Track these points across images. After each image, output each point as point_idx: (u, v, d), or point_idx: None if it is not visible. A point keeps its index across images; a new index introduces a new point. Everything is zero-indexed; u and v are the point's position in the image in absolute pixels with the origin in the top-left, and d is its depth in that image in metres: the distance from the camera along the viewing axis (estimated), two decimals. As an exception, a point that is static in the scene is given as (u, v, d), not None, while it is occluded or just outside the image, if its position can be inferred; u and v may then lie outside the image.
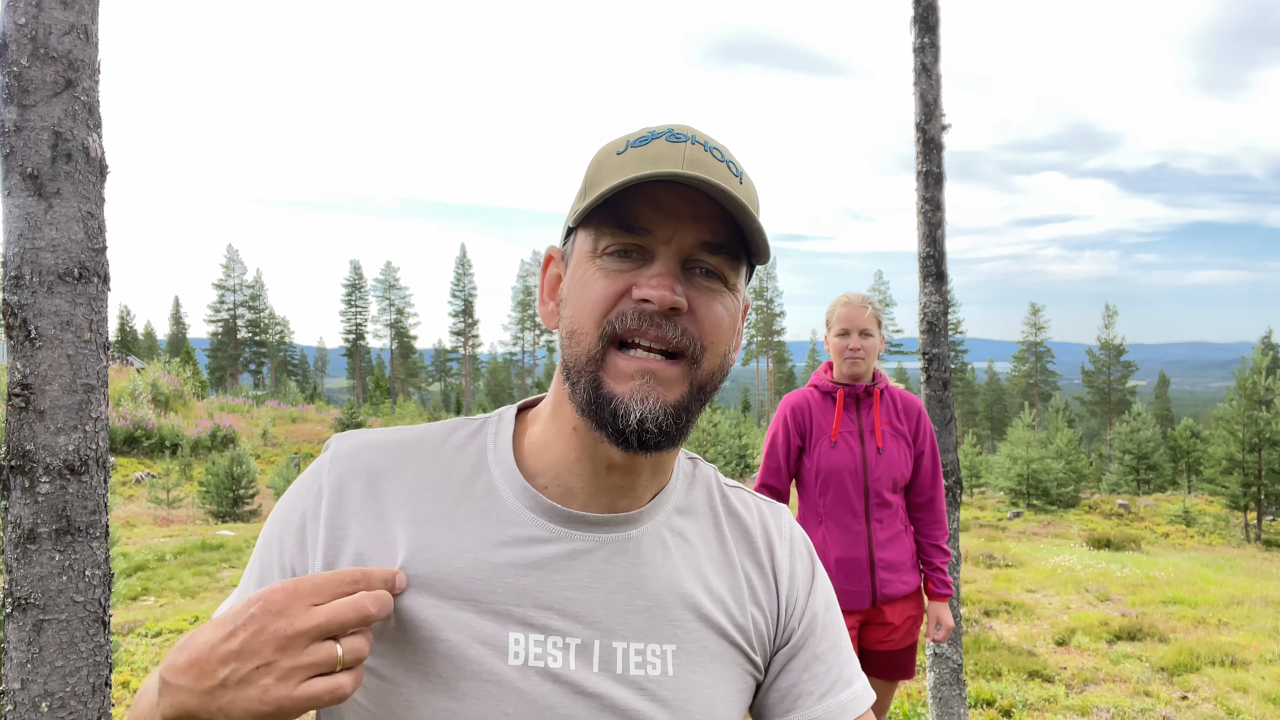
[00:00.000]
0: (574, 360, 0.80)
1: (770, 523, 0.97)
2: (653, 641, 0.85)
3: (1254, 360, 21.98)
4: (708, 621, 0.88)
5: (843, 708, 0.90)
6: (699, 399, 0.82)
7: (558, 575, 0.83)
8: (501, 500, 0.85)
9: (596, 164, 0.83)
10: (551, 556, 0.83)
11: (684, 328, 0.79)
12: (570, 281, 0.83)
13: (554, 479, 0.86)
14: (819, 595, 0.96)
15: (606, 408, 0.78)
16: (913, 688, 5.49)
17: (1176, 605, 8.59)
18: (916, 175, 4.27)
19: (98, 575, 2.04)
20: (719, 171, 0.79)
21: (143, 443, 25.12)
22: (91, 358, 2.02)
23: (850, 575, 2.99)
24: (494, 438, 0.89)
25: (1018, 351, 73.55)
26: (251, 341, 77.95)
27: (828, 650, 0.93)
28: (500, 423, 0.91)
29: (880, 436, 3.03)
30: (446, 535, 0.82)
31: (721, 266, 0.81)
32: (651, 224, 0.79)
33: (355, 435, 0.89)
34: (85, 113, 2.01)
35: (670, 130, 0.81)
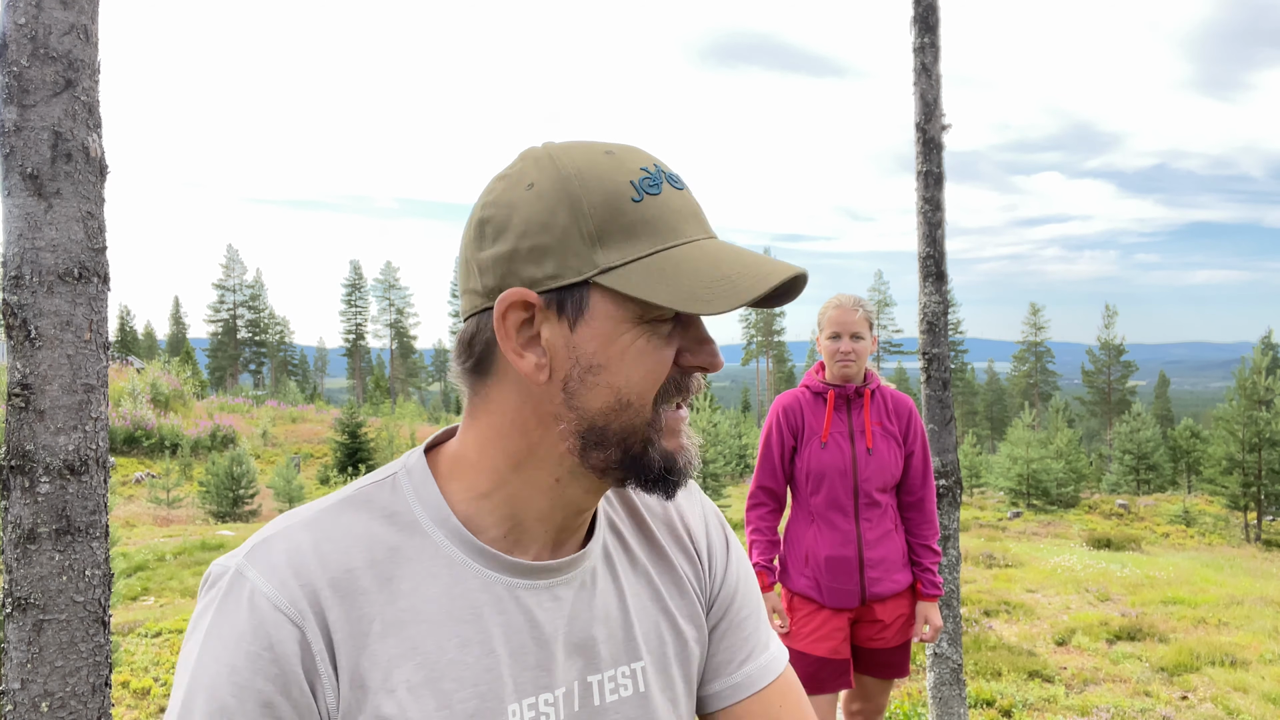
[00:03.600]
0: (624, 428, 0.77)
1: (682, 500, 0.99)
2: (624, 664, 0.87)
3: (1254, 360, 21.98)
4: (662, 625, 0.91)
5: (762, 671, 0.94)
6: None
7: (538, 631, 0.82)
8: (461, 569, 0.80)
9: (607, 208, 0.75)
10: (529, 619, 0.81)
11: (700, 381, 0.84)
12: (605, 346, 0.76)
13: (509, 530, 0.82)
14: (735, 563, 0.99)
15: (664, 465, 0.79)
16: (912, 687, 5.50)
17: (1176, 605, 8.59)
18: (916, 175, 4.27)
19: (98, 575, 2.04)
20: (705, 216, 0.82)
21: (143, 443, 25.13)
22: (91, 358, 2.02)
23: (839, 574, 3.02)
24: (415, 496, 0.81)
25: (1018, 351, 73.55)
26: (251, 341, 77.94)
27: (746, 617, 0.97)
28: (413, 477, 0.82)
29: (871, 437, 3.05)
30: (421, 629, 0.77)
31: None
32: None
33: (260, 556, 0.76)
34: (85, 113, 2.01)
35: (661, 171, 0.78)
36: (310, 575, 0.75)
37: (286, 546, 0.76)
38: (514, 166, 0.79)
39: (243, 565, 0.75)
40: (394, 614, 0.76)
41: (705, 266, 0.75)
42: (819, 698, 3.04)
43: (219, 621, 0.74)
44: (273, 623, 0.73)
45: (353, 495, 0.81)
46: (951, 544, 4.18)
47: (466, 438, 0.83)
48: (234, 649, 0.72)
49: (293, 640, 0.73)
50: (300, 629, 0.73)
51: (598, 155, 0.77)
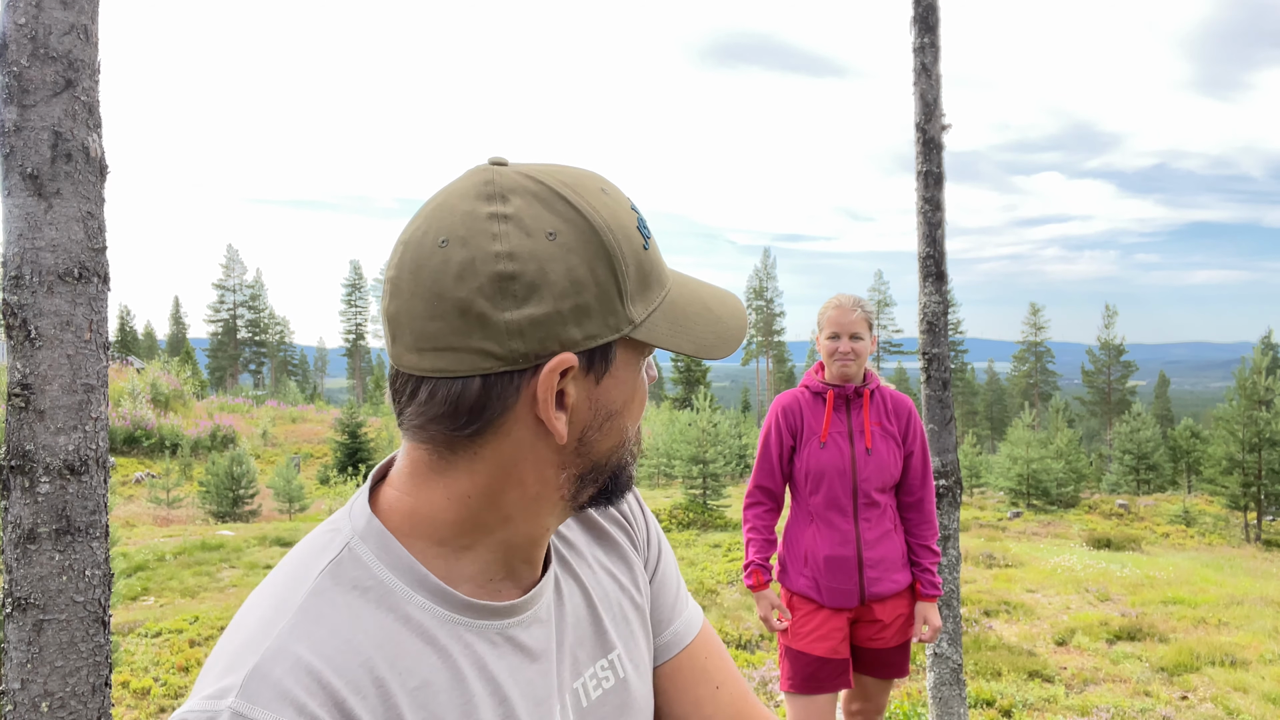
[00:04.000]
0: (620, 461, 0.79)
1: None
2: (600, 658, 0.87)
3: (1254, 360, 21.98)
4: (624, 604, 0.91)
5: (687, 626, 0.97)
6: None
7: (539, 662, 0.80)
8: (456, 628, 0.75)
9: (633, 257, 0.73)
10: (527, 654, 0.80)
11: None
12: (626, 392, 0.76)
13: (491, 578, 0.78)
14: (651, 522, 1.00)
15: (627, 487, 0.81)
16: (913, 687, 5.50)
17: (1176, 605, 8.59)
18: (916, 175, 4.27)
19: (98, 575, 2.04)
20: None
21: (143, 443, 25.13)
22: (91, 358, 2.02)
23: (838, 574, 3.03)
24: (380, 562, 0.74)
25: (1018, 351, 73.54)
26: (251, 341, 77.93)
27: (669, 576, 0.98)
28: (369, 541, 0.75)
29: (870, 437, 3.06)
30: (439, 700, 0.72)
31: None
32: None
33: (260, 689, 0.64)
34: (85, 113, 2.01)
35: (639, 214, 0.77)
36: (330, 689, 0.66)
37: (287, 668, 0.65)
38: (510, 204, 0.69)
39: (240, 706, 0.62)
40: (412, 694, 0.71)
41: (698, 309, 0.78)
42: (819, 697, 3.03)
43: None
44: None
45: (318, 583, 0.72)
46: (951, 544, 4.18)
47: (431, 495, 0.75)
48: None
49: None
50: None
51: (600, 195, 0.73)
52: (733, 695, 0.96)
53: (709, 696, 0.95)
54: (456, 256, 0.67)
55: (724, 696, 0.95)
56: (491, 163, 0.73)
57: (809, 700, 3.03)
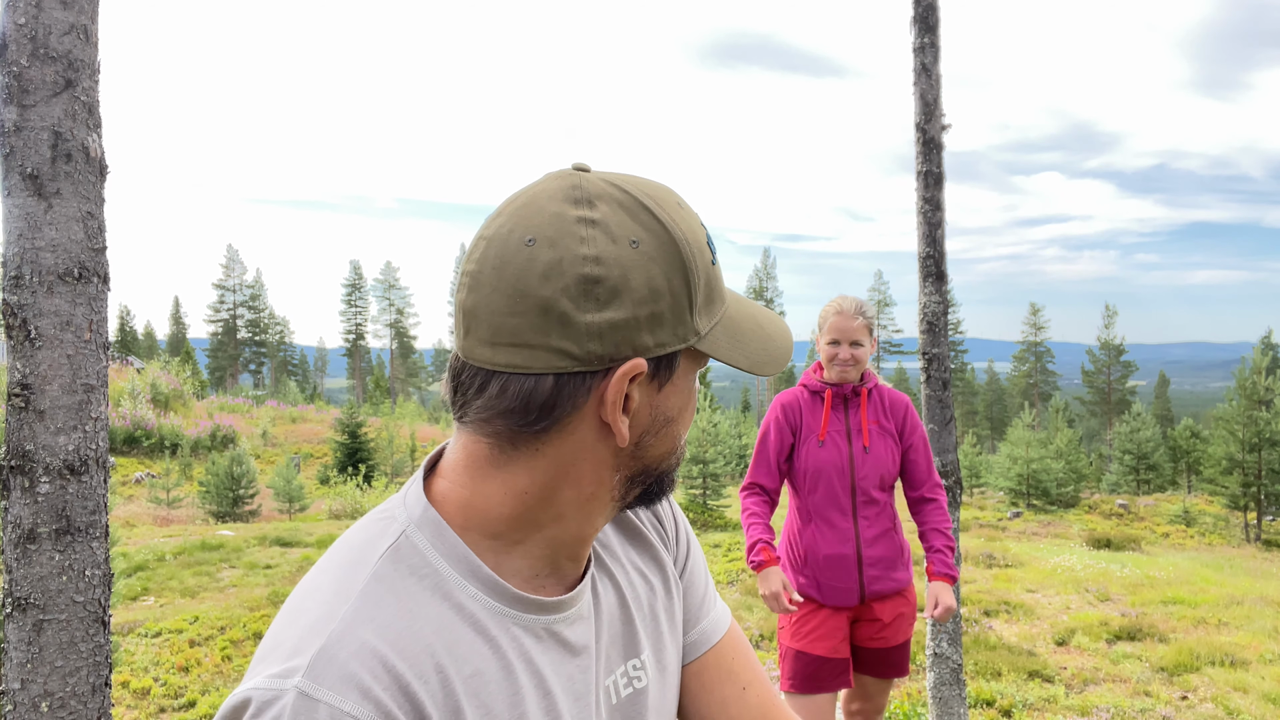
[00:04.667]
0: (670, 465, 0.82)
1: None
2: (631, 658, 0.88)
3: (1254, 360, 21.98)
4: (656, 606, 0.92)
5: (715, 625, 0.98)
6: None
7: (580, 658, 0.82)
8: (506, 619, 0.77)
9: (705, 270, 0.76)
10: (569, 650, 0.82)
11: None
12: (679, 400, 0.79)
13: (538, 573, 0.80)
14: (682, 522, 1.01)
15: (668, 481, 0.83)
16: (913, 687, 5.50)
17: (1176, 605, 8.59)
18: (916, 175, 4.27)
19: (98, 575, 2.04)
20: None
21: (143, 443, 25.13)
22: (91, 358, 2.02)
23: (838, 572, 3.03)
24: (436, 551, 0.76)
25: (1018, 351, 73.54)
26: (251, 341, 77.94)
27: (698, 575, 0.99)
28: (425, 530, 0.76)
29: (867, 435, 3.07)
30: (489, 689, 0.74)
31: None
32: None
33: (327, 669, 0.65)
34: (85, 113, 2.01)
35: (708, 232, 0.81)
36: (396, 673, 0.67)
37: (353, 650, 0.67)
38: (597, 210, 0.71)
39: (307, 686, 0.64)
40: (464, 682, 0.72)
41: (752, 326, 0.82)
42: (819, 697, 3.03)
43: None
44: None
45: (378, 568, 0.73)
46: (951, 544, 4.18)
47: (488, 489, 0.76)
48: None
49: None
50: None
51: (678, 209, 0.76)
52: (760, 697, 0.97)
53: (735, 697, 0.96)
54: (543, 256, 0.69)
55: (751, 698, 0.96)
56: (575, 168, 0.75)
57: (809, 700, 3.03)
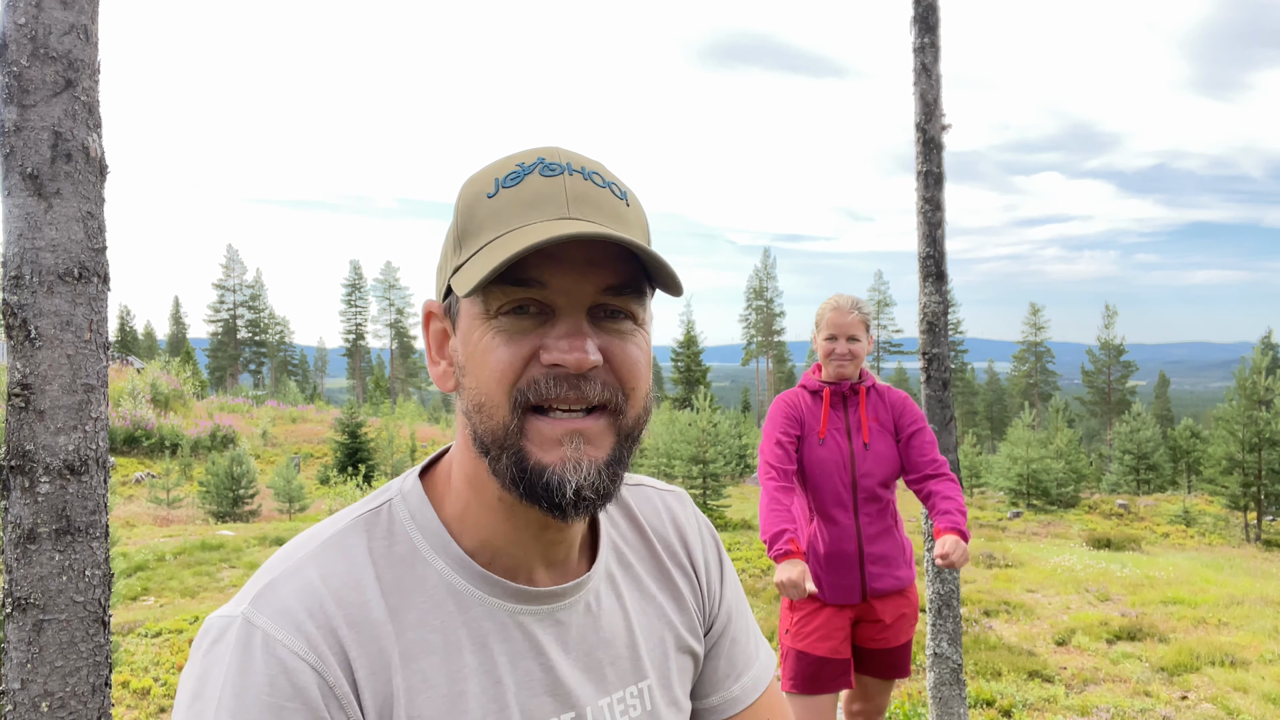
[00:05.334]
0: (489, 434, 0.74)
1: (680, 516, 0.98)
2: (631, 684, 0.87)
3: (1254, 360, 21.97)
4: (667, 642, 0.91)
5: (754, 683, 0.97)
6: (628, 447, 0.77)
7: (543, 658, 0.80)
8: (464, 597, 0.78)
9: (466, 209, 0.76)
10: (534, 645, 0.80)
11: (601, 380, 0.74)
12: (466, 347, 0.75)
13: (493, 555, 0.80)
14: (729, 579, 1.00)
15: (539, 481, 0.73)
16: (912, 688, 5.49)
17: (1176, 605, 8.59)
18: (916, 175, 4.27)
19: (98, 575, 2.04)
20: (604, 201, 0.75)
21: (143, 443, 25.12)
22: (91, 358, 2.02)
23: (840, 570, 3.03)
24: (412, 522, 0.79)
25: (1018, 351, 73.51)
26: (251, 341, 77.91)
27: (740, 631, 0.99)
28: (409, 501, 0.80)
29: (867, 433, 3.08)
30: (431, 660, 0.75)
31: (629, 305, 0.76)
32: (547, 275, 0.72)
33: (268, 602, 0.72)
34: (85, 113, 2.01)
35: (542, 161, 0.75)
36: (327, 614, 0.72)
37: (295, 587, 0.72)
38: None
39: (250, 614, 0.71)
40: (405, 646, 0.74)
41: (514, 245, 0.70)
42: (820, 697, 3.03)
43: (233, 678, 0.68)
44: (294, 669, 0.69)
45: (350, 525, 0.78)
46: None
47: (449, 456, 0.82)
48: (254, 705, 0.67)
49: (316, 686, 0.69)
50: (322, 674, 0.70)
51: (495, 161, 0.78)
52: None
53: None
54: None
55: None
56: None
57: (811, 700, 3.03)
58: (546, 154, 0.76)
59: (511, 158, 0.77)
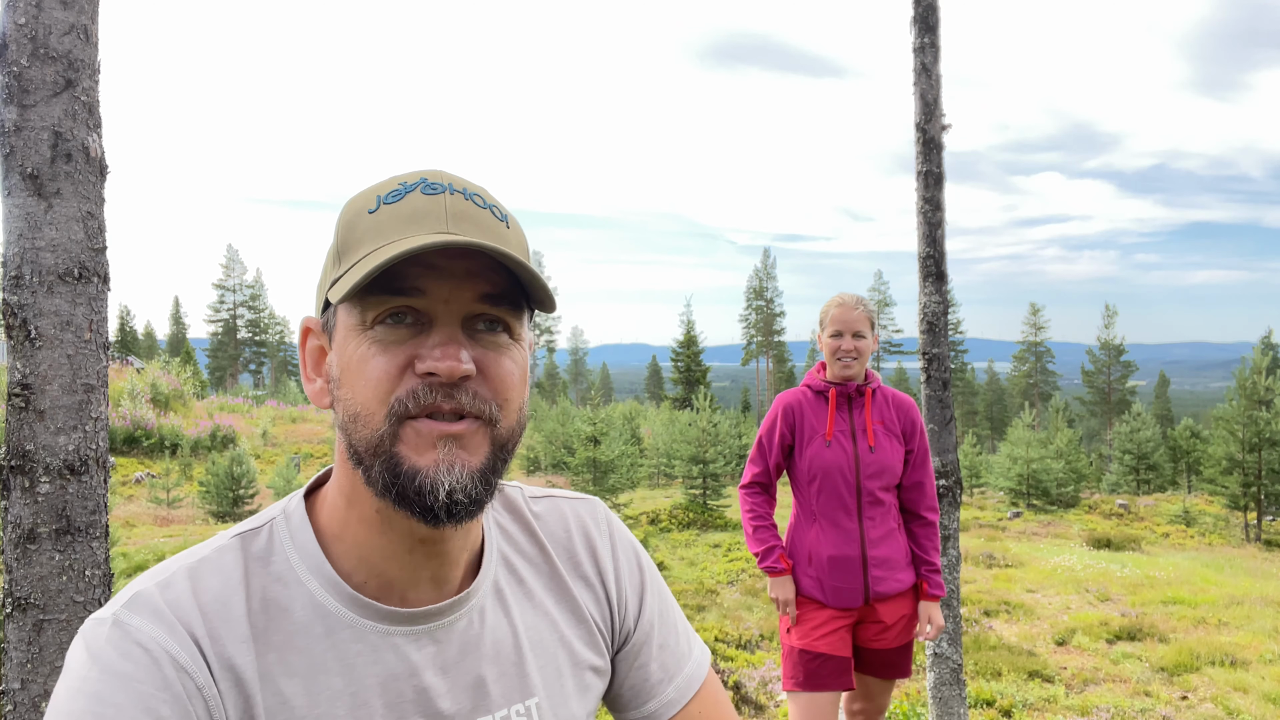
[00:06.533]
0: (364, 444, 0.74)
1: (590, 526, 0.97)
2: (516, 702, 0.86)
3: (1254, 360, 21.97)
4: (560, 658, 0.90)
5: (689, 680, 0.98)
6: (502, 458, 0.78)
7: (416, 679, 0.80)
8: (334, 620, 0.78)
9: (346, 225, 0.77)
10: (408, 667, 0.80)
11: (475, 391, 0.75)
12: (342, 359, 0.76)
13: (370, 574, 0.80)
14: (651, 590, 1.00)
15: (410, 484, 0.73)
16: (912, 688, 5.49)
17: (1176, 605, 8.59)
18: (916, 175, 4.27)
19: (98, 575, 2.04)
20: (484, 221, 0.76)
21: (143, 443, 25.11)
22: (91, 358, 2.02)
23: (843, 573, 3.03)
24: (290, 543, 0.80)
25: (1018, 351, 73.49)
26: (251, 341, 77.90)
27: (668, 635, 0.99)
28: (290, 522, 0.81)
29: (872, 435, 3.07)
30: (292, 683, 0.75)
31: (505, 317, 0.77)
32: (424, 284, 0.73)
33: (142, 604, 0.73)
34: (85, 113, 2.01)
35: (424, 181, 0.76)
36: (192, 624, 0.73)
37: (167, 596, 0.74)
38: None
39: (122, 615, 0.72)
40: (265, 667, 0.75)
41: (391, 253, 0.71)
42: (821, 695, 3.03)
43: (105, 674, 0.69)
44: (166, 663, 0.71)
45: (228, 544, 0.79)
46: (951, 544, 4.18)
47: (331, 476, 0.83)
48: (125, 696, 0.68)
49: (182, 685, 0.71)
50: (192, 676, 0.71)
51: (378, 182, 0.79)
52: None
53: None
54: None
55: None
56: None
57: (811, 698, 3.02)
58: (429, 174, 0.78)
59: (395, 178, 0.78)
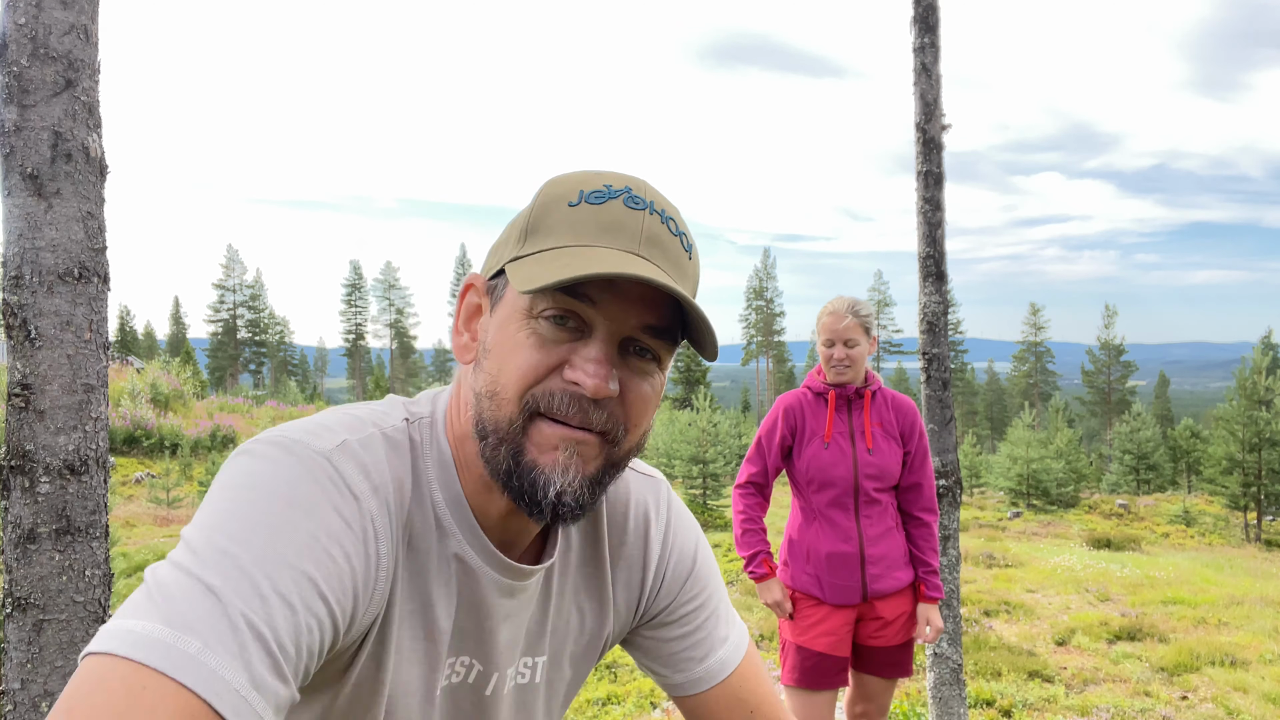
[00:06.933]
0: (493, 423, 0.77)
1: (650, 510, 1.00)
2: (527, 656, 0.94)
3: (1254, 360, 21.98)
4: (572, 629, 0.97)
5: (721, 664, 1.01)
6: (613, 473, 0.81)
7: (490, 620, 0.87)
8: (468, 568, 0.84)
9: (542, 207, 0.79)
10: (494, 609, 0.87)
11: (610, 411, 0.77)
12: (498, 333, 0.78)
13: (490, 524, 0.85)
14: (696, 579, 1.02)
15: (526, 477, 0.76)
16: (912, 688, 5.50)
17: (1176, 605, 8.59)
18: (916, 175, 4.27)
19: (98, 575, 2.04)
20: (672, 251, 0.78)
21: (143, 443, 25.11)
22: (91, 358, 2.02)
23: (841, 570, 3.05)
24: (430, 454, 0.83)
25: (1018, 351, 73.52)
26: (251, 341, 77.90)
27: (703, 621, 1.02)
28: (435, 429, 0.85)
29: (871, 438, 3.08)
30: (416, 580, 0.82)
31: (660, 349, 0.79)
32: (597, 296, 0.75)
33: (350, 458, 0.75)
34: (85, 113, 2.01)
35: (629, 191, 0.78)
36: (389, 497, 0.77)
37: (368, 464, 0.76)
38: None
39: (336, 458, 0.74)
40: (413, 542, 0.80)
41: (578, 263, 0.73)
42: (818, 695, 3.04)
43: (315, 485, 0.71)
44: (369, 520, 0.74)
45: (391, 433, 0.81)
46: (951, 544, 4.18)
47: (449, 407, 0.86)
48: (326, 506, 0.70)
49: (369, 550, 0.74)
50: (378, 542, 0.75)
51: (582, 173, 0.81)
52: (767, 717, 1.02)
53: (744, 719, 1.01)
54: None
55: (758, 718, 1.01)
56: None
57: (810, 695, 3.04)
58: (634, 185, 0.79)
59: (600, 175, 0.79)
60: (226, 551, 0.64)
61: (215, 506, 0.68)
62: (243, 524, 0.66)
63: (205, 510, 0.69)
